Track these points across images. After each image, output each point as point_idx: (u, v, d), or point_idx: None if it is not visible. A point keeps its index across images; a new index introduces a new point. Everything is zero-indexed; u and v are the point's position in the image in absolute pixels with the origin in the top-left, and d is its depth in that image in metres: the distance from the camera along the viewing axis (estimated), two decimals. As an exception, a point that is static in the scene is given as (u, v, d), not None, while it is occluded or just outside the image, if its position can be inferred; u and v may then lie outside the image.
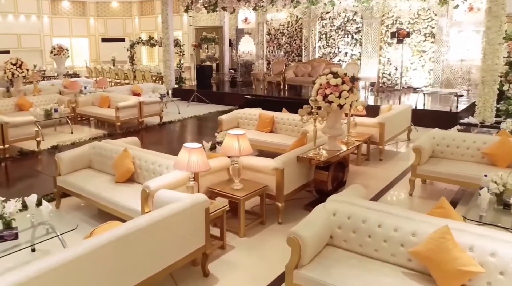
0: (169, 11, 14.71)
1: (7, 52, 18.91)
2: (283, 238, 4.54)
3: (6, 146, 7.54)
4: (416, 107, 10.12)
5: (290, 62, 15.69)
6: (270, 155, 5.59)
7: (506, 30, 9.21)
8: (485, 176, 4.14)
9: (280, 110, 7.78)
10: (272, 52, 16.61)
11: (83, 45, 22.01)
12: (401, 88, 11.70)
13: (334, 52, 14.94)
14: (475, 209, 3.97)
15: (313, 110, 4.84)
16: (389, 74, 13.91)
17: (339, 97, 4.85)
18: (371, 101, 11.73)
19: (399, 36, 10.11)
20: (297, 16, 15.69)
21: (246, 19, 16.95)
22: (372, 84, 13.41)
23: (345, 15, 14.48)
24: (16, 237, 3.61)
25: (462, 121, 9.56)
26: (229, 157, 4.89)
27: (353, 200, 3.43)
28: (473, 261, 2.71)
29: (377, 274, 2.97)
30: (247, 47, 17.17)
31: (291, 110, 7.77)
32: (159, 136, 9.64)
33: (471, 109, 10.50)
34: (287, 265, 3.14)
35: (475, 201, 4.37)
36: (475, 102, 10.67)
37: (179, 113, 11.75)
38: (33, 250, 4.19)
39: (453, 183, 5.48)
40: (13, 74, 9.96)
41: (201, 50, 16.70)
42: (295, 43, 15.97)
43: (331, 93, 4.87)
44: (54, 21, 20.64)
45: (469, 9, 11.96)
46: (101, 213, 5.06)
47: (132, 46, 18.03)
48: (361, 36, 14.19)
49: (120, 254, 2.93)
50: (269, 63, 16.67)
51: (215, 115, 11.81)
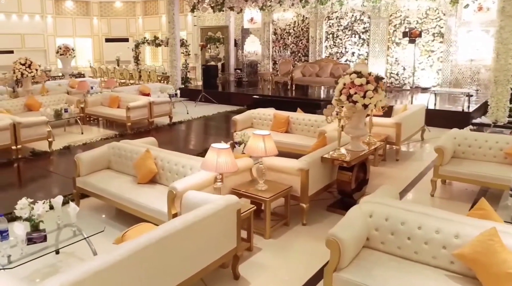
0: (175, 11, 14.66)
1: (11, 52, 18.87)
2: (309, 240, 4.53)
3: (19, 146, 7.47)
4: (427, 107, 10.06)
5: (296, 62, 15.64)
6: (286, 155, 5.53)
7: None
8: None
9: (288, 110, 7.77)
10: (278, 52, 16.55)
11: (86, 45, 21.94)
12: (412, 88, 11.66)
13: (341, 52, 14.90)
14: (505, 209, 3.92)
15: (337, 110, 4.78)
16: (397, 74, 13.87)
17: (363, 97, 4.80)
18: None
19: (411, 36, 10.06)
20: (303, 16, 15.64)
21: (252, 19, 16.90)
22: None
23: (352, 15, 14.44)
24: (44, 239, 3.54)
25: (474, 121, 9.54)
26: (250, 157, 4.84)
27: (389, 202, 3.38)
28: (521, 264, 2.66)
29: (419, 276, 2.92)
30: (252, 47, 17.12)
31: (302, 110, 7.74)
32: (170, 136, 9.57)
33: (482, 109, 10.47)
34: (326, 267, 3.08)
35: (504, 202, 4.34)
36: (486, 102, 10.64)
37: (187, 113, 11.70)
38: (57, 252, 4.12)
39: (476, 183, 5.43)
40: (22, 74, 9.87)
41: (206, 50, 16.64)
42: (301, 43, 15.92)
43: (355, 93, 4.81)
44: (57, 21, 20.58)
45: (478, 9, 11.92)
46: (120, 214, 5.00)
47: (137, 46, 17.96)
48: (369, 36, 14.15)
49: (158, 257, 2.87)
50: (275, 63, 16.62)
51: (224, 115, 11.80)
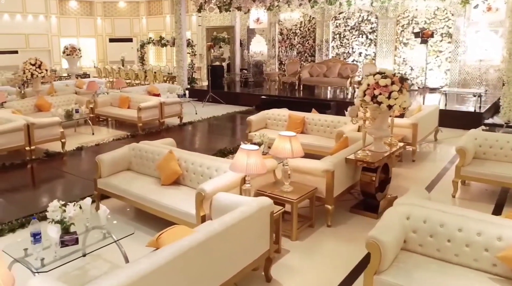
0: (182, 11, 14.62)
1: (15, 52, 18.83)
2: (336, 242, 4.51)
3: (33, 147, 7.43)
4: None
5: (302, 62, 15.62)
6: (304, 156, 5.49)
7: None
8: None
9: (297, 110, 7.77)
10: (285, 52, 16.52)
11: (90, 45, 21.88)
12: (420, 88, 11.64)
13: (348, 52, 14.87)
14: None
15: (363, 111, 4.75)
16: (405, 74, 13.84)
17: (388, 97, 4.77)
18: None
19: (423, 36, 10.04)
20: (310, 16, 15.62)
21: (258, 19, 16.86)
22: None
23: (360, 15, 14.42)
24: (76, 242, 3.51)
25: (486, 121, 9.53)
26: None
27: (426, 204, 3.35)
28: None
29: (462, 279, 2.89)
30: (258, 47, 17.08)
31: (309, 110, 7.73)
32: (182, 137, 9.53)
33: (492, 109, 10.46)
34: (366, 270, 3.05)
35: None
36: (496, 102, 10.63)
37: (196, 113, 11.66)
38: (83, 255, 4.08)
39: (499, 184, 5.42)
40: (32, 75, 9.82)
41: (214, 50, 16.60)
42: (307, 43, 15.89)
43: (380, 94, 4.78)
44: (61, 21, 20.52)
45: (487, 9, 11.91)
46: (139, 215, 4.97)
47: (142, 46, 17.91)
48: (376, 36, 14.13)
49: (200, 260, 2.84)
50: (281, 63, 16.59)
51: (234, 116, 11.77)
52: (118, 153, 5.32)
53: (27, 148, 7.38)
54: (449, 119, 9.47)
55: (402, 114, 7.76)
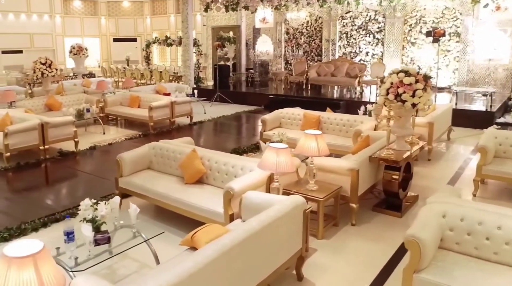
0: (189, 10, 14.60)
1: (20, 51, 18.78)
2: (361, 240, 4.49)
3: (47, 146, 7.40)
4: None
5: (309, 62, 15.60)
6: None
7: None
8: None
9: (308, 109, 7.74)
10: (292, 52, 16.50)
11: (94, 44, 21.83)
12: (433, 87, 11.56)
13: (355, 52, 14.86)
14: None
15: (387, 109, 4.74)
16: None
17: (412, 96, 4.75)
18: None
19: (435, 35, 10.02)
20: (316, 16, 15.60)
21: (264, 19, 16.84)
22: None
23: (367, 15, 14.41)
24: (108, 241, 3.48)
25: (498, 120, 9.51)
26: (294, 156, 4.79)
27: (462, 202, 3.34)
28: None
29: (504, 277, 2.87)
30: (264, 46, 17.05)
31: (318, 110, 7.72)
32: (194, 136, 9.43)
33: (502, 109, 10.45)
34: (405, 268, 3.03)
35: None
36: (505, 101, 10.63)
37: (205, 113, 11.63)
38: (110, 253, 4.06)
39: (520, 183, 5.40)
40: (42, 74, 9.79)
41: (221, 50, 16.54)
42: (314, 42, 15.88)
43: (404, 92, 4.76)
44: (66, 20, 20.47)
45: (496, 8, 11.90)
46: (160, 214, 4.94)
47: (148, 46, 17.86)
48: (383, 35, 14.12)
49: (240, 259, 2.82)
50: (287, 63, 16.57)
51: (243, 115, 11.75)
52: (139, 152, 5.30)
53: (41, 147, 7.35)
54: (460, 118, 9.45)
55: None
